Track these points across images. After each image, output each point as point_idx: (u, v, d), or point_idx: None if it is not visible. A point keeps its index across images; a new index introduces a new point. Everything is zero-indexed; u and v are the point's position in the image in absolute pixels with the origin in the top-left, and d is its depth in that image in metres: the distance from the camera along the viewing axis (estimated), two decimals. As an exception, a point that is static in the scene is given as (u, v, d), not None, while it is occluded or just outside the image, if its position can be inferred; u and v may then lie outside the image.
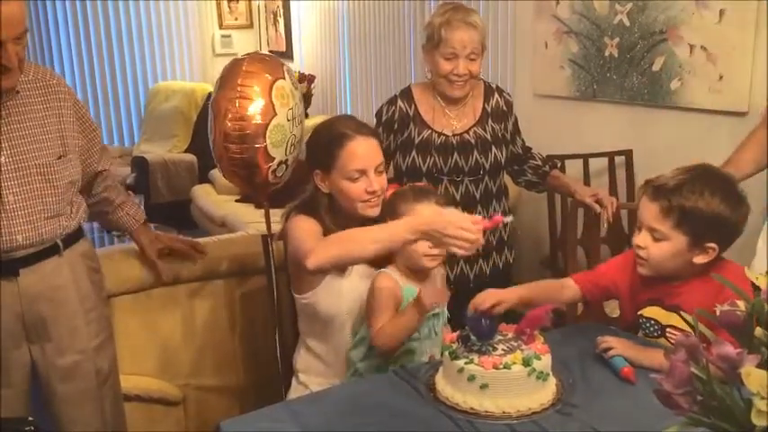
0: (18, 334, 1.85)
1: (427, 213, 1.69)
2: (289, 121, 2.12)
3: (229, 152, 2.11)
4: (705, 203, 1.56)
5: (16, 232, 1.77)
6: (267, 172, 2.13)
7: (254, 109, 2.07)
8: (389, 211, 1.84)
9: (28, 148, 1.79)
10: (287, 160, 2.16)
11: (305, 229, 1.81)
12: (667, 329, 1.69)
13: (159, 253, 2.26)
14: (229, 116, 2.08)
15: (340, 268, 1.82)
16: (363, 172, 1.83)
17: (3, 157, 1.75)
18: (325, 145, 1.88)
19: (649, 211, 1.63)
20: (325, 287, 1.84)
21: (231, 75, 2.14)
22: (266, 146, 2.08)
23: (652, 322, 1.72)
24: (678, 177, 1.61)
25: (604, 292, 1.85)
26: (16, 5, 1.65)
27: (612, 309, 2.28)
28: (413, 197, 1.84)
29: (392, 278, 1.80)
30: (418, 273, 1.83)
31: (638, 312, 1.75)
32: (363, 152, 1.84)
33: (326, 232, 1.84)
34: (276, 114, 2.08)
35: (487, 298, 1.58)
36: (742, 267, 1.61)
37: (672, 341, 1.64)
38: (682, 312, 1.66)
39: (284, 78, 2.15)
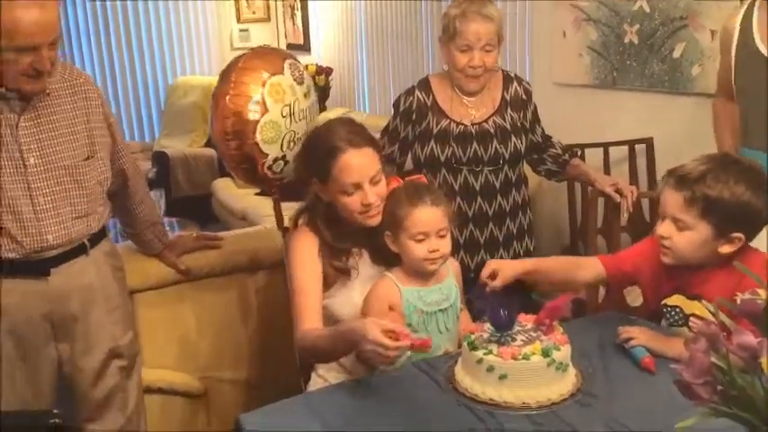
0: (46, 333, 1.87)
1: (358, 330, 1.53)
2: (284, 117, 2.09)
3: (228, 148, 2.13)
4: (730, 192, 1.53)
5: (47, 232, 1.79)
6: (263, 168, 2.12)
7: (245, 105, 2.07)
8: (387, 216, 1.80)
9: (57, 149, 1.80)
10: (284, 156, 2.14)
11: (301, 283, 1.80)
12: (690, 318, 1.67)
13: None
14: (223, 113, 2.09)
15: (345, 276, 1.83)
16: (358, 186, 1.77)
17: (33, 159, 1.76)
18: (318, 156, 1.81)
19: (673, 200, 1.60)
20: (336, 291, 1.83)
21: (228, 70, 2.16)
22: (257, 142, 2.08)
23: (676, 311, 1.70)
24: (701, 166, 1.58)
25: (627, 278, 1.83)
26: (53, 11, 1.65)
27: (634, 298, 2.26)
28: (407, 200, 1.78)
29: (391, 284, 1.78)
30: (424, 274, 1.81)
31: (662, 302, 1.73)
32: (357, 165, 1.77)
33: (325, 246, 1.82)
34: (268, 111, 2.07)
35: (485, 270, 1.57)
36: (766, 256, 1.60)
37: (694, 330, 1.62)
38: (703, 301, 1.64)
39: (282, 74, 2.14)
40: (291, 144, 2.14)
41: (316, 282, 1.80)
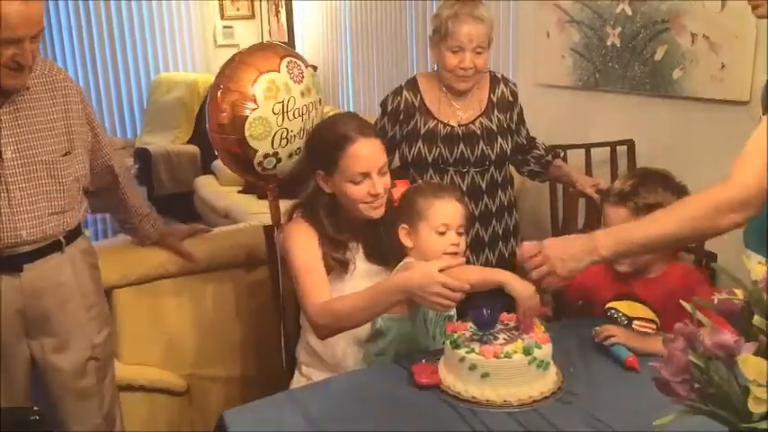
0: (19, 329, 1.86)
1: (417, 275, 1.61)
2: (276, 114, 2.10)
3: (217, 140, 2.14)
4: (662, 197, 1.75)
5: (21, 228, 1.78)
6: (253, 165, 2.13)
7: (235, 100, 2.07)
8: (407, 208, 1.83)
9: (34, 144, 1.79)
10: (277, 153, 2.14)
11: (304, 263, 1.78)
12: (635, 321, 1.77)
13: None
14: (216, 107, 2.10)
15: (343, 270, 1.83)
16: (367, 175, 1.79)
17: (9, 152, 1.76)
18: (326, 147, 1.83)
19: (619, 214, 1.79)
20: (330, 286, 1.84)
21: (225, 65, 2.16)
22: (245, 137, 2.08)
23: (620, 314, 1.80)
24: (630, 182, 1.82)
25: (579, 295, 1.95)
26: (36, 5, 1.65)
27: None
28: (432, 193, 1.83)
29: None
30: None
31: (606, 306, 1.83)
32: (366, 155, 1.79)
33: (324, 238, 1.83)
34: (258, 107, 2.08)
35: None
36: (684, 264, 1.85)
37: (640, 331, 1.75)
38: (645, 303, 1.79)
39: (278, 71, 2.14)
40: (284, 141, 2.13)
41: (319, 261, 1.80)
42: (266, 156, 2.13)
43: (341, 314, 1.69)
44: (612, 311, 1.81)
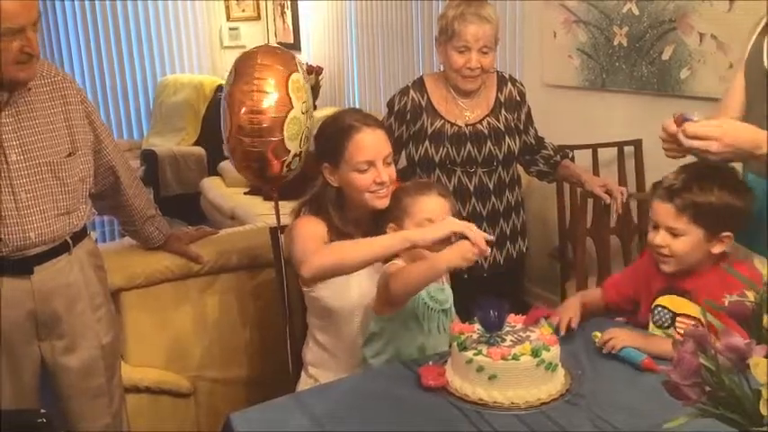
0: (30, 332, 1.86)
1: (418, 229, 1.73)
2: (303, 114, 2.12)
3: (244, 145, 2.10)
4: (716, 197, 1.64)
5: (29, 230, 1.78)
6: (282, 165, 2.12)
7: (271, 102, 2.06)
8: (394, 208, 1.84)
9: (38, 146, 1.80)
10: (300, 153, 2.16)
11: (307, 233, 1.82)
12: (678, 319, 1.71)
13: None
14: (245, 109, 2.07)
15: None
16: (372, 163, 1.83)
17: (14, 155, 1.76)
18: (332, 138, 1.87)
19: (665, 211, 1.69)
20: (332, 281, 1.84)
21: (246, 67, 2.12)
22: (283, 139, 2.07)
23: (665, 311, 1.74)
24: (684, 176, 1.69)
25: (628, 300, 1.88)
26: None
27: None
28: (416, 190, 1.85)
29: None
30: None
31: (653, 302, 1.76)
32: (371, 143, 1.84)
33: (332, 230, 1.85)
34: (293, 107, 2.08)
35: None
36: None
37: (680, 332, 1.67)
38: (692, 301, 1.68)
39: (298, 71, 2.15)
40: (305, 140, 2.14)
41: (323, 239, 1.82)
42: (294, 156, 2.14)
43: (337, 245, 1.76)
44: (658, 309, 1.75)
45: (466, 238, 1.61)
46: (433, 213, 1.78)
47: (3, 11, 1.60)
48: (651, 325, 1.76)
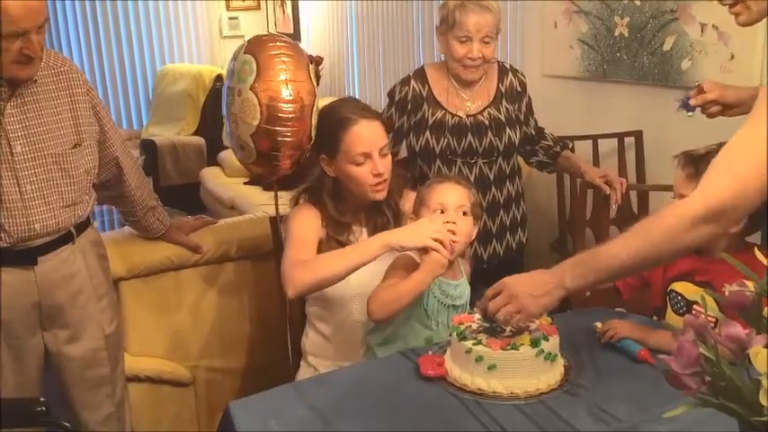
0: (34, 322, 1.87)
1: (397, 230, 1.78)
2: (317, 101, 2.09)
3: (280, 135, 1.97)
4: None
5: (34, 221, 1.78)
6: (303, 154, 2.05)
7: (305, 90, 1.99)
8: (416, 202, 1.84)
9: (44, 137, 1.79)
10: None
11: (297, 236, 1.82)
12: (694, 306, 1.69)
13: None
14: (282, 97, 1.95)
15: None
16: (368, 155, 1.83)
17: (19, 146, 1.75)
18: (329, 130, 1.88)
19: (680, 178, 1.68)
20: None
21: (267, 59, 2.00)
22: (311, 126, 2.02)
23: (679, 297, 1.73)
24: (709, 146, 1.65)
25: (640, 284, 1.84)
26: None
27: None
28: (432, 181, 1.86)
29: (414, 261, 1.77)
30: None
31: (669, 286, 1.75)
32: (367, 135, 1.84)
33: (329, 219, 1.85)
34: (316, 96, 2.03)
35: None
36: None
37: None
38: (712, 288, 1.64)
39: (309, 62, 2.13)
40: (315, 130, 2.07)
41: (314, 240, 1.84)
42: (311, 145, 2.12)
43: (317, 260, 1.76)
44: (673, 294, 1.74)
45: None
46: (446, 199, 1.78)
47: (7, 13, 1.59)
48: (668, 310, 1.74)
